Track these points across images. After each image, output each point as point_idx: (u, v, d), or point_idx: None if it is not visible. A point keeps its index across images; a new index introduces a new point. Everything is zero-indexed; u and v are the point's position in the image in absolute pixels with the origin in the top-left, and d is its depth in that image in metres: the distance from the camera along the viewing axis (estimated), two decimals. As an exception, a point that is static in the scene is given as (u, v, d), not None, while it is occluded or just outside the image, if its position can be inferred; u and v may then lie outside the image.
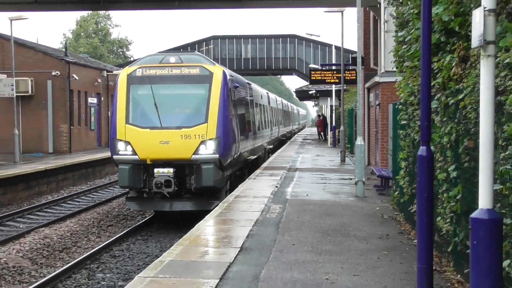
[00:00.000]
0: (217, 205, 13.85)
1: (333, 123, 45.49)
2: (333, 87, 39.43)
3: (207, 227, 12.42)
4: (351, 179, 19.97)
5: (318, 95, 55.65)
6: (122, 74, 18.10)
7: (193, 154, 16.79)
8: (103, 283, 13.38)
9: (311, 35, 56.78)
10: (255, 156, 27.80)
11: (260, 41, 63.66)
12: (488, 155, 5.25)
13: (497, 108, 5.73)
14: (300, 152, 36.88)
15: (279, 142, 43.76)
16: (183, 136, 16.81)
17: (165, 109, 17.37)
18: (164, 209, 17.40)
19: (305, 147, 43.28)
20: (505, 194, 5.97)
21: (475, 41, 5.30)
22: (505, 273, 5.65)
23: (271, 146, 37.52)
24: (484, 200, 5.20)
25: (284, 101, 56.02)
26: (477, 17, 5.22)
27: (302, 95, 67.08)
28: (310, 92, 56.19)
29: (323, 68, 36.20)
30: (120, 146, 17.03)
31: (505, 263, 5.66)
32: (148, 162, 16.68)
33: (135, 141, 16.90)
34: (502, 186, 5.96)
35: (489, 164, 5.25)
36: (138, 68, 17.88)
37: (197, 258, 9.65)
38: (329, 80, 33.89)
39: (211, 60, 18.63)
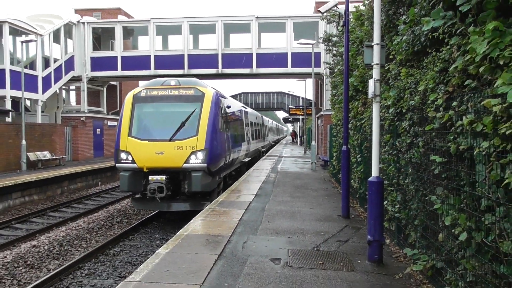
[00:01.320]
0: (208, 205, 9.44)
1: (301, 134, 45.79)
2: (301, 117, 39.43)
3: (239, 184, 12.32)
4: (309, 161, 19.88)
5: (293, 120, 55.83)
6: (129, 94, 11.54)
7: (184, 163, 10.39)
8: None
9: (290, 91, 57.74)
10: (250, 158, 19.77)
11: (265, 94, 63.52)
12: (376, 150, 5.22)
13: (381, 127, 5.69)
14: (284, 148, 36.78)
15: (271, 145, 40.14)
16: (176, 147, 10.48)
17: (162, 124, 10.96)
18: (163, 209, 10.97)
19: (287, 145, 43.11)
20: (384, 169, 5.94)
21: (370, 94, 5.26)
22: (384, 208, 5.61)
23: (264, 149, 29.16)
24: (375, 171, 5.16)
25: (274, 122, 55.15)
26: (371, 83, 5.19)
27: (285, 120, 67.76)
28: (289, 119, 56.34)
29: (295, 107, 36.25)
30: (122, 155, 10.65)
31: (385, 203, 5.63)
32: (145, 170, 10.42)
33: (135, 151, 10.56)
34: (382, 165, 5.93)
35: (377, 155, 5.21)
36: (143, 89, 11.44)
37: (234, 199, 9.64)
38: (298, 113, 33.96)
39: (205, 83, 12.10)
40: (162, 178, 10.38)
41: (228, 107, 13.21)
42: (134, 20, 25.74)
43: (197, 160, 10.43)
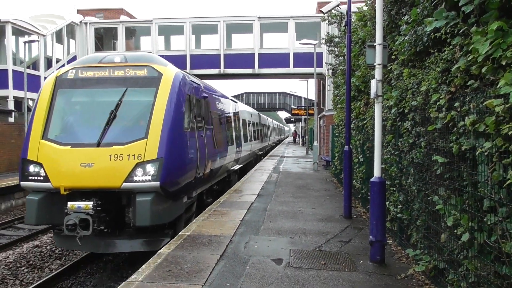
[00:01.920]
0: (167, 242, 6.17)
1: (303, 134, 45.89)
2: (303, 117, 39.46)
3: (241, 184, 12.30)
4: (311, 161, 19.86)
5: (295, 120, 55.85)
6: (51, 77, 7.41)
7: (125, 181, 6.31)
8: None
9: (292, 91, 57.66)
10: (241, 165, 14.98)
11: (267, 94, 63.26)
12: (378, 150, 5.22)
13: (383, 128, 5.70)
14: (286, 148, 36.82)
15: (271, 147, 36.78)
16: (112, 156, 6.37)
17: (95, 121, 6.86)
18: (98, 250, 6.88)
19: (288, 146, 43.20)
20: (386, 169, 5.94)
21: (372, 95, 5.26)
22: (386, 208, 5.61)
23: (262, 152, 24.24)
24: (377, 172, 5.16)
25: (276, 122, 54.47)
26: (373, 83, 5.19)
27: (287, 120, 67.93)
28: (291, 119, 56.43)
29: (298, 108, 36.32)
30: (30, 169, 6.57)
31: (387, 203, 5.63)
32: (63, 192, 6.39)
33: (49, 163, 6.50)
34: (384, 165, 5.94)
35: (379, 155, 5.21)
36: (72, 69, 7.31)
37: (236, 200, 9.64)
38: (300, 114, 33.90)
39: (165, 61, 7.69)
40: (87, 205, 6.37)
41: (205, 97, 8.98)
42: (136, 20, 25.83)
43: (146, 177, 6.40)
